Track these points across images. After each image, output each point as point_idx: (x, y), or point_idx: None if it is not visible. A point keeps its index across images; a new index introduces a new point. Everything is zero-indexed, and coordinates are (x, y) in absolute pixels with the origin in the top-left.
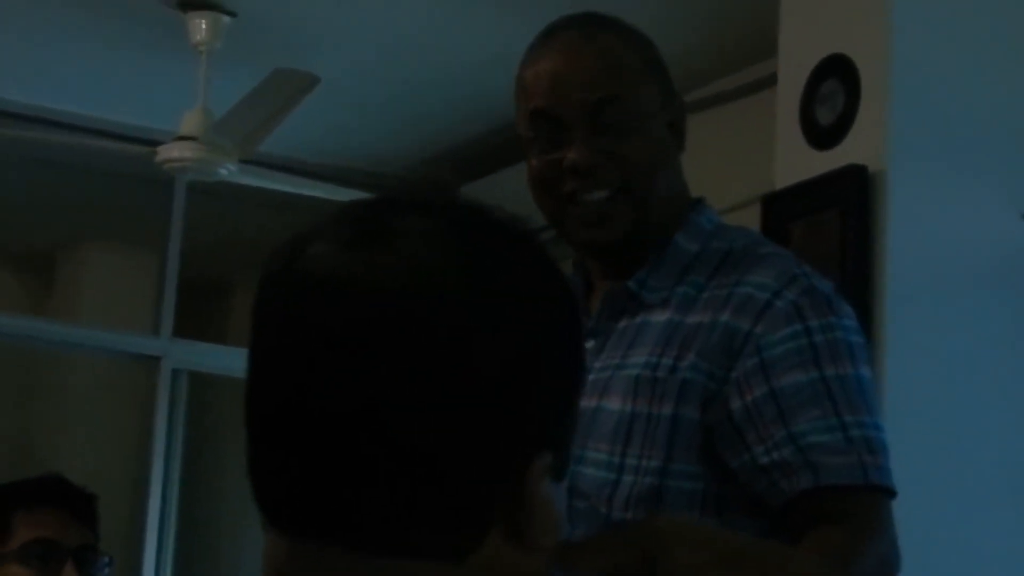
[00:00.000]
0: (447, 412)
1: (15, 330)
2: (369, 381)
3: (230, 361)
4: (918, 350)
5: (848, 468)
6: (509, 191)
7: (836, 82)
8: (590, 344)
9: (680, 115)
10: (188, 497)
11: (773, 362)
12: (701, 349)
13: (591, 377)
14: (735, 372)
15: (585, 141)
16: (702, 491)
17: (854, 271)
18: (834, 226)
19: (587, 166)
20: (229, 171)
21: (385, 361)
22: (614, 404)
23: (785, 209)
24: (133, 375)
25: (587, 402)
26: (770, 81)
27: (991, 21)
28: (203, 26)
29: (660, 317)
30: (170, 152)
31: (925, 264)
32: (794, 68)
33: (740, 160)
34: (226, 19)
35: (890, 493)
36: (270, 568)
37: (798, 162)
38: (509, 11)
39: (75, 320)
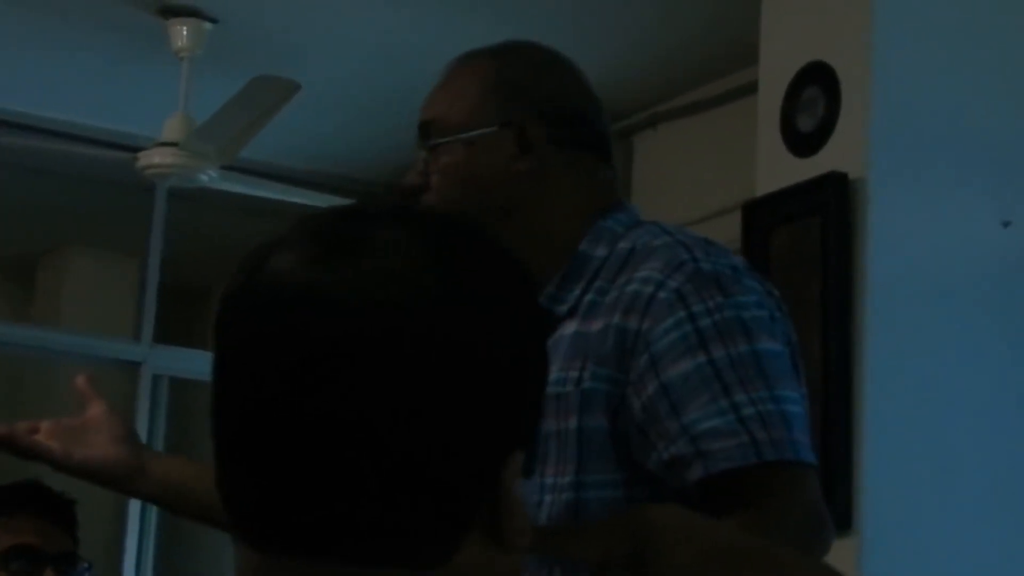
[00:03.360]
0: (428, 423)
1: None
2: (348, 395)
3: (210, 367)
4: (899, 357)
5: (738, 449)
6: None
7: (817, 89)
8: None
9: (543, 131)
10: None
11: (660, 355)
12: (598, 356)
13: None
14: (632, 374)
15: (417, 163)
16: (623, 497)
17: (835, 278)
18: (815, 233)
19: (408, 186)
20: (210, 177)
21: (364, 375)
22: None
23: (766, 216)
24: (114, 381)
25: None
26: (751, 88)
27: (972, 29)
28: (184, 32)
29: (569, 330)
30: (151, 158)
31: (906, 271)
32: (775, 75)
33: (721, 167)
34: (207, 26)
35: (795, 465)
36: None
37: (779, 169)
38: (490, 21)
39: (56, 326)
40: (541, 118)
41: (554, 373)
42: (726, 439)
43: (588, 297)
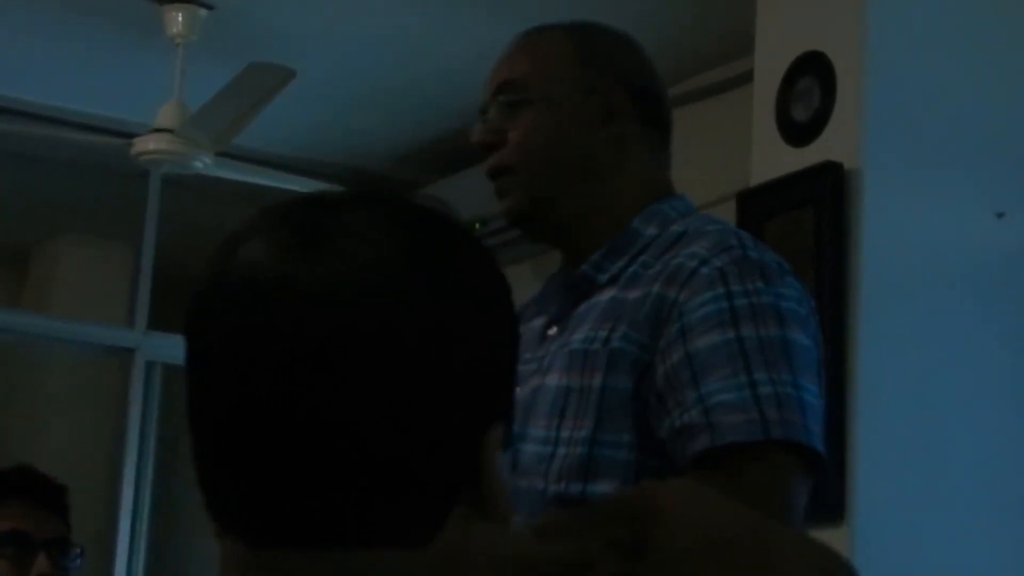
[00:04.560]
0: (410, 408)
1: None
2: (328, 386)
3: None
4: (893, 347)
5: (747, 424)
6: (475, 187)
7: (812, 79)
8: (553, 331)
9: (623, 101)
10: (161, 487)
11: (692, 326)
12: (632, 320)
13: (547, 360)
14: (662, 341)
15: (484, 121)
16: (636, 462)
17: (829, 268)
18: (809, 223)
19: (477, 142)
20: (204, 164)
21: (343, 366)
22: (552, 380)
23: (760, 206)
24: (108, 368)
25: (533, 381)
26: (747, 78)
27: (966, 19)
28: (179, 19)
29: (606, 296)
30: (145, 145)
31: (899, 261)
32: (770, 64)
33: (716, 156)
34: (203, 12)
35: (801, 450)
36: None
37: (774, 159)
38: (484, 14)
39: (50, 313)
40: (624, 89)
41: (584, 332)
42: (739, 413)
43: (632, 269)
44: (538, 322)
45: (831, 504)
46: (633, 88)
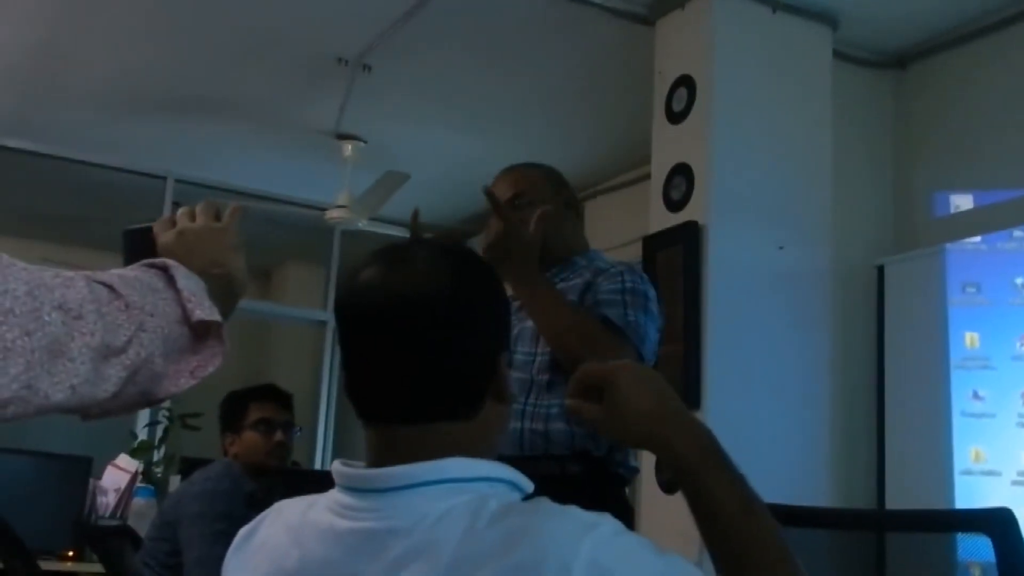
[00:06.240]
0: (458, 342)
1: (250, 308)
2: (409, 330)
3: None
4: (726, 320)
5: (618, 317)
6: None
7: (681, 177)
8: None
9: (572, 200)
10: (340, 397)
11: (602, 291)
12: (573, 293)
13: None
14: (589, 294)
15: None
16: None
17: (691, 279)
18: (680, 254)
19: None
20: (363, 224)
21: (411, 322)
22: (529, 323)
23: (655, 245)
24: (313, 332)
25: (520, 325)
26: (647, 176)
27: (766, 145)
28: (349, 147)
29: (559, 286)
30: (332, 214)
31: (728, 274)
32: (659, 170)
33: (633, 217)
34: (361, 144)
35: (627, 338)
36: (368, 448)
37: (662, 219)
38: (506, 144)
39: (282, 303)
40: (569, 194)
41: None
42: (619, 319)
43: (572, 275)
44: None
45: (693, 400)
46: (572, 194)
